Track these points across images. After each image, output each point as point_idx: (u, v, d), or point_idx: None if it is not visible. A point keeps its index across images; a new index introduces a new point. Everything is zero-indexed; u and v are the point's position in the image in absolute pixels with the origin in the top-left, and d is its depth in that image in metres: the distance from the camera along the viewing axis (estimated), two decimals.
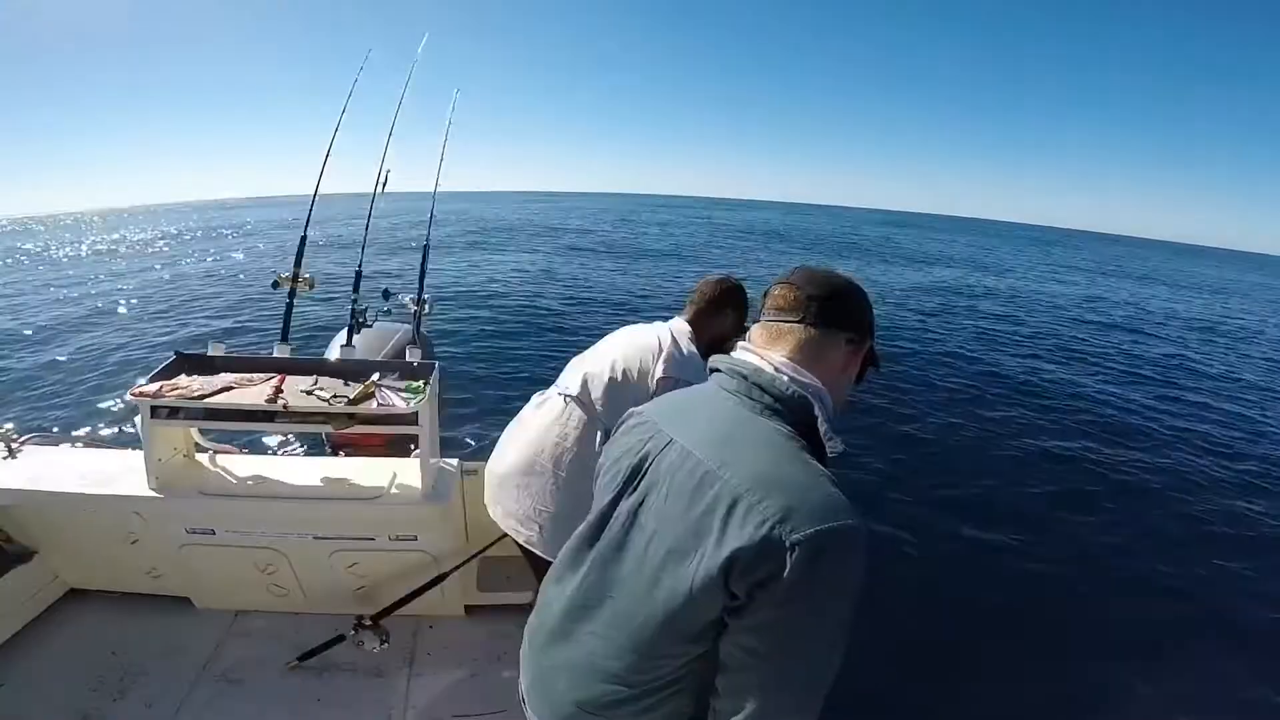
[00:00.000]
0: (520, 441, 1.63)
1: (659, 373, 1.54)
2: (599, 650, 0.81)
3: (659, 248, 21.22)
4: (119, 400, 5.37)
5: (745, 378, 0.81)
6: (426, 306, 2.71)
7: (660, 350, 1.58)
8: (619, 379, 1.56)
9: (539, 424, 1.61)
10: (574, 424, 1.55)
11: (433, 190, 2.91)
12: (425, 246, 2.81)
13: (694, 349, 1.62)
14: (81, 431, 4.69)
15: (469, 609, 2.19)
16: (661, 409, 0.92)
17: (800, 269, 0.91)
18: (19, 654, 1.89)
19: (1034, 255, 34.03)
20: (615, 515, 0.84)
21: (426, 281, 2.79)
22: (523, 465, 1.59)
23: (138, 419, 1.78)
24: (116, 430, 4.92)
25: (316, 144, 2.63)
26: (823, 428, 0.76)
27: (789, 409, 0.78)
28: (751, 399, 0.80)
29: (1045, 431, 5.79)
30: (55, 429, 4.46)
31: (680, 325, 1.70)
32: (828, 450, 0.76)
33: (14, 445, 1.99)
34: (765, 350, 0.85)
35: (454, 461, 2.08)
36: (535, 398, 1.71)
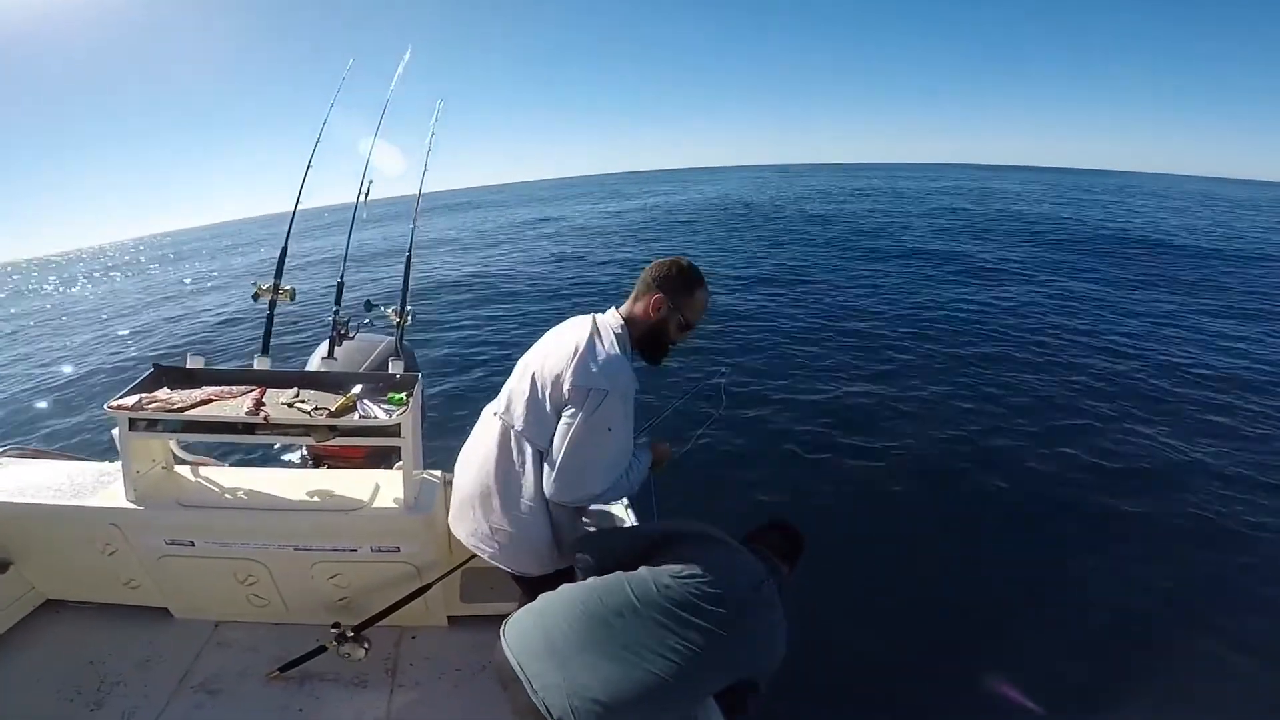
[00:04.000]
0: (471, 462, 1.64)
1: (568, 381, 1.40)
2: None
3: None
4: (98, 414, 5.31)
5: None
6: (409, 318, 2.71)
7: (575, 354, 1.43)
8: (538, 394, 1.47)
9: (484, 445, 1.59)
10: (509, 443, 1.52)
11: (416, 197, 2.93)
12: (408, 257, 2.82)
13: (617, 349, 1.45)
14: (60, 445, 4.64)
15: (452, 619, 2.19)
16: None
17: None
18: None
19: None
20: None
21: (409, 292, 2.80)
22: (475, 486, 1.59)
23: (115, 432, 1.78)
24: (96, 443, 4.87)
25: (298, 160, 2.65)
26: None
27: None
28: None
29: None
30: (34, 443, 4.41)
31: (610, 320, 1.54)
32: None
33: None
34: None
35: (437, 473, 2.09)
36: (485, 411, 1.68)
